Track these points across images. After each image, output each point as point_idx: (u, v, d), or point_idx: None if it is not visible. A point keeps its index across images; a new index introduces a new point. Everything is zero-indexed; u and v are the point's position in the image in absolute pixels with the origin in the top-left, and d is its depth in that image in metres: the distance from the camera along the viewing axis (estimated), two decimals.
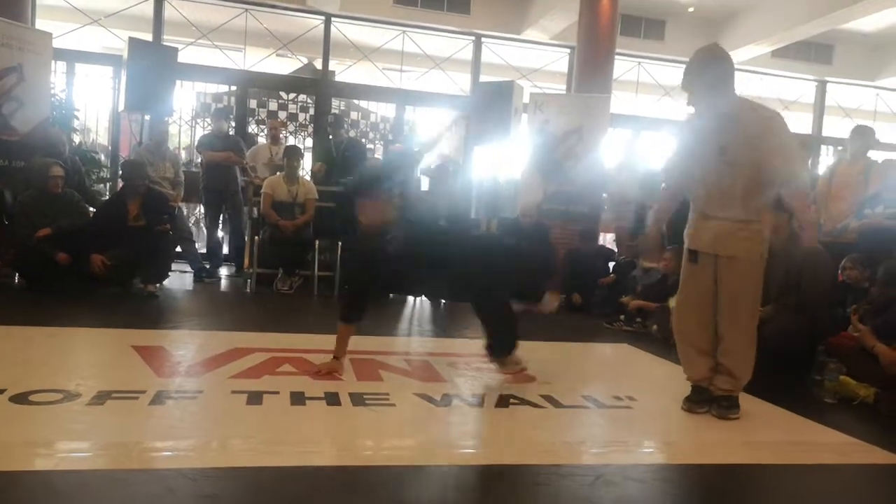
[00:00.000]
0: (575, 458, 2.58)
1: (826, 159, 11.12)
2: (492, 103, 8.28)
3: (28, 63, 6.33)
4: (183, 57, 8.17)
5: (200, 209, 8.57)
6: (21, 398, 2.73)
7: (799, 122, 12.63)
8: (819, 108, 11.96)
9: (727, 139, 3.09)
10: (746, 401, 3.55)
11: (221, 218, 7.27)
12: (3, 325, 4.10)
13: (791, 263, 4.07)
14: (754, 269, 3.18)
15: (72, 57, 8.43)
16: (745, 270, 3.17)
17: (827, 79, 11.86)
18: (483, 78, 10.34)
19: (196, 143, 7.76)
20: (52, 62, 7.03)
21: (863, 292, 4.43)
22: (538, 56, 11.10)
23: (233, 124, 8.34)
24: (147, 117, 7.54)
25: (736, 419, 3.19)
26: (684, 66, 3.24)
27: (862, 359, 3.70)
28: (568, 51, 10.59)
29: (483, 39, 10.55)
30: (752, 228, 3.14)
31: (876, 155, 5.96)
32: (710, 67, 3.14)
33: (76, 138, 7.78)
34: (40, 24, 8.31)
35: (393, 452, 2.52)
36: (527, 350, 4.33)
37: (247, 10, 9.53)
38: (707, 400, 3.30)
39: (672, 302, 5.10)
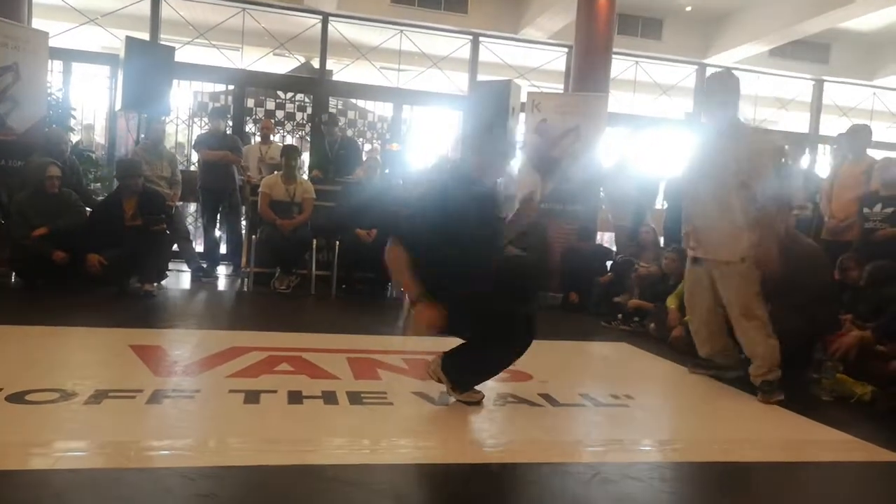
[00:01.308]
0: (572, 457, 2.58)
1: (823, 158, 11.15)
2: (489, 102, 8.27)
3: (24, 62, 6.31)
4: (180, 56, 8.16)
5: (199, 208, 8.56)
6: (18, 397, 2.73)
7: (796, 121, 12.68)
8: (816, 107, 11.98)
9: (729, 154, 3.57)
10: (743, 399, 3.57)
11: (219, 217, 7.27)
12: None
13: (788, 263, 4.08)
14: (747, 270, 3.60)
15: (68, 56, 8.41)
16: (739, 273, 3.61)
17: (824, 78, 11.87)
18: (480, 77, 10.34)
19: (193, 142, 7.76)
20: (49, 61, 7.02)
21: (859, 291, 4.44)
22: (536, 55, 11.10)
23: (230, 123, 8.34)
24: (144, 116, 7.52)
25: (778, 401, 3.48)
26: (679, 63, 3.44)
27: (859, 357, 3.71)
28: (565, 50, 10.59)
29: (480, 38, 10.55)
30: (742, 235, 3.58)
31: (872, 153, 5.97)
32: (721, 91, 3.65)
33: (73, 137, 7.77)
34: (37, 23, 8.29)
35: (390, 451, 2.51)
36: None
37: (244, 9, 9.52)
38: (709, 367, 3.96)
39: (670, 301, 5.12)
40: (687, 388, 3.87)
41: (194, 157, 7.86)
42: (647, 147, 9.00)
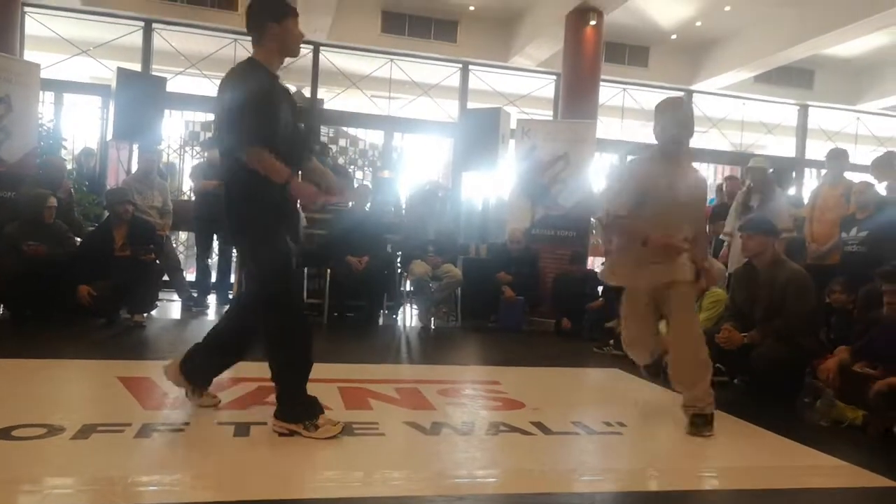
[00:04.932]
0: (565, 486, 2.56)
1: (810, 182, 11.29)
2: (479, 129, 8.36)
3: (15, 94, 6.35)
4: (172, 86, 8.21)
5: (189, 237, 8.54)
6: (4, 433, 2.69)
7: (782, 146, 12.84)
8: (801, 132, 12.16)
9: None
10: (735, 425, 3.56)
11: (213, 247, 7.25)
12: None
13: (775, 287, 4.11)
14: None
15: (60, 87, 8.47)
16: None
17: (808, 103, 12.06)
18: (470, 104, 10.46)
19: (189, 171, 7.78)
20: (41, 92, 7.05)
21: (847, 314, 4.47)
22: (525, 82, 11.24)
23: None
24: (135, 146, 7.55)
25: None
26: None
27: (849, 381, 3.71)
28: (554, 77, 10.73)
29: (470, 67, 10.68)
30: None
31: (855, 177, 6.06)
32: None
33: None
34: (29, 54, 8.34)
35: (383, 483, 2.49)
36: (515, 375, 4.32)
37: (235, 39, 9.61)
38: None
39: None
40: (680, 415, 3.86)
41: (185, 186, 7.87)
42: None
